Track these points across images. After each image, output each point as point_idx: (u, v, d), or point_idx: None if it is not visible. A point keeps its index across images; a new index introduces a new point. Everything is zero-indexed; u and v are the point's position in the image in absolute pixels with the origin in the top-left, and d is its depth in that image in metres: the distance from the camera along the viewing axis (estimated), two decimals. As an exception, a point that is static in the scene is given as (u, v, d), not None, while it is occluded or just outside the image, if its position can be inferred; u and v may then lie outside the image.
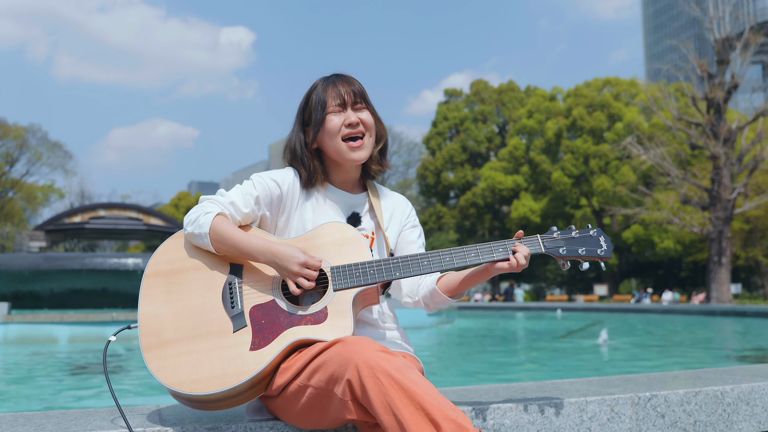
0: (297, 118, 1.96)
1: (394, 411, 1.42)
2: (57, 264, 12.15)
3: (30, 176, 52.56)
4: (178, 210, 64.37)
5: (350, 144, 1.87)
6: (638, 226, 41.64)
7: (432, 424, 1.41)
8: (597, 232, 1.83)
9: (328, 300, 1.70)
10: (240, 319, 1.67)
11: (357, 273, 1.73)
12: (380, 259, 1.76)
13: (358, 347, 1.52)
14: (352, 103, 1.89)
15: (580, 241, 1.81)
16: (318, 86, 1.92)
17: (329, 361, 1.54)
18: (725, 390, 2.25)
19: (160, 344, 1.66)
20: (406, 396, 1.43)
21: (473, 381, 5.46)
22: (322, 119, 1.87)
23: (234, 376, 1.59)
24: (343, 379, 1.50)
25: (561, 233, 1.83)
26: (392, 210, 2.02)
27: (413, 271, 1.75)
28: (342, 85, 1.89)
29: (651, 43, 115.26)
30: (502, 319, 19.48)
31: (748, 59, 28.75)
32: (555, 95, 50.16)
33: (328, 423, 1.62)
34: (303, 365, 1.60)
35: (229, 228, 1.74)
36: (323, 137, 1.89)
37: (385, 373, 1.46)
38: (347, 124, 1.87)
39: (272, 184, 1.86)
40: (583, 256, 1.80)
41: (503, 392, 2.15)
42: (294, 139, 1.93)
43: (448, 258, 1.77)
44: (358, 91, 1.90)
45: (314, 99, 1.90)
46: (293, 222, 1.89)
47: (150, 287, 1.74)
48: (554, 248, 1.80)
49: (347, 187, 1.98)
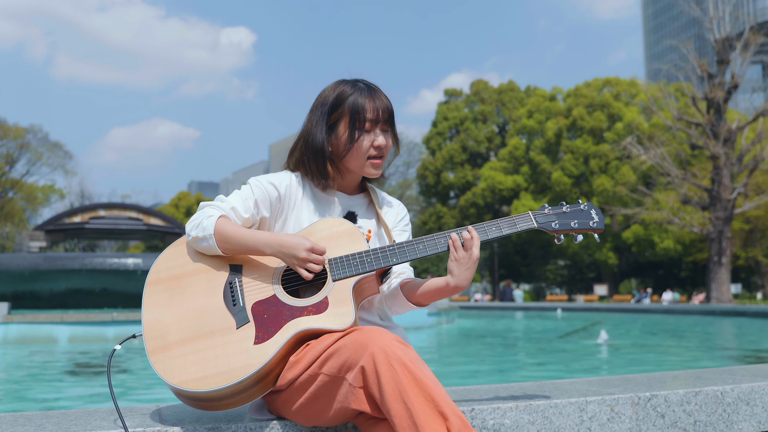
0: (322, 116, 1.89)
1: (405, 400, 1.44)
2: (57, 264, 12.15)
3: (30, 176, 52.63)
4: (178, 210, 64.37)
5: (373, 162, 1.89)
6: (638, 226, 41.65)
7: (441, 416, 1.43)
8: (588, 206, 1.85)
9: (328, 290, 1.72)
10: (242, 315, 1.69)
11: (355, 262, 1.75)
12: (377, 248, 1.78)
13: (375, 335, 1.54)
14: (383, 122, 1.88)
15: (571, 215, 1.83)
16: (354, 93, 1.87)
17: (344, 348, 1.56)
18: (725, 390, 2.25)
19: (165, 347, 1.67)
20: (418, 386, 1.46)
21: (473, 381, 5.46)
22: (358, 137, 1.86)
23: (240, 370, 1.60)
24: (357, 365, 1.51)
25: (552, 209, 1.84)
26: (387, 211, 2.05)
27: (410, 256, 1.77)
28: (379, 100, 1.87)
29: (651, 43, 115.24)
30: (502, 319, 19.48)
31: (748, 59, 28.75)
32: (555, 95, 50.16)
33: (330, 418, 1.62)
34: (316, 355, 1.61)
35: (233, 227, 1.77)
36: (352, 154, 1.88)
37: (400, 362, 1.48)
38: (375, 146, 1.87)
39: (270, 187, 1.88)
40: (576, 229, 1.81)
41: (503, 392, 2.15)
42: (323, 140, 1.89)
43: (442, 241, 1.78)
44: (391, 111, 1.90)
45: (352, 107, 1.85)
46: (290, 223, 1.91)
47: (152, 294, 1.76)
48: (546, 223, 1.81)
49: (348, 191, 2.00)
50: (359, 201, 2.00)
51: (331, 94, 1.90)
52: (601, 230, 1.83)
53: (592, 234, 1.84)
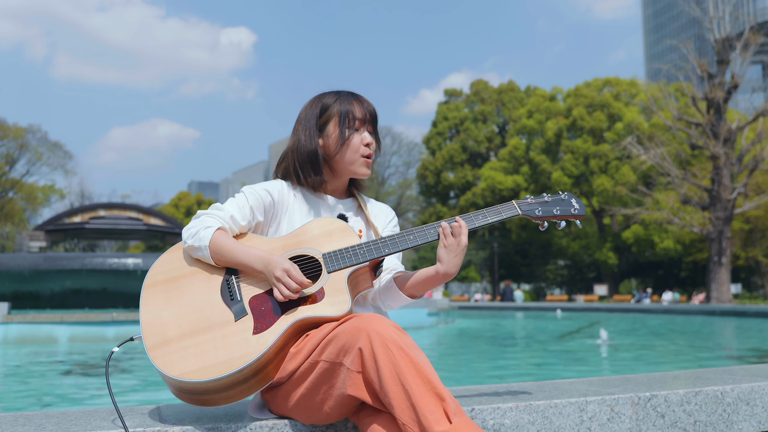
0: (310, 123, 1.98)
1: (403, 381, 1.47)
2: (57, 264, 12.15)
3: (30, 176, 52.61)
4: (178, 210, 64.37)
5: (366, 161, 1.99)
6: (638, 226, 41.64)
7: (438, 397, 1.47)
8: (568, 195, 1.96)
9: (324, 281, 1.77)
10: (240, 309, 1.72)
11: (348, 255, 1.81)
12: (369, 240, 1.86)
13: (373, 319, 1.58)
14: (369, 123, 2.00)
15: (553, 204, 1.94)
16: (340, 98, 1.98)
17: (342, 333, 1.59)
18: (725, 390, 2.25)
19: (164, 342, 1.69)
20: (415, 369, 1.49)
21: (473, 381, 5.47)
22: (351, 134, 1.95)
23: (240, 359, 1.62)
24: (354, 348, 1.54)
25: (534, 198, 1.94)
26: (376, 215, 2.12)
27: (401, 246, 1.83)
28: (365, 103, 1.99)
29: (651, 43, 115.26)
30: (502, 319, 19.48)
31: (748, 59, 28.75)
32: (555, 95, 50.17)
33: (328, 411, 1.63)
34: (315, 344, 1.64)
35: (228, 242, 1.81)
36: (344, 150, 1.96)
37: (397, 345, 1.51)
38: (366, 144, 1.98)
39: (264, 193, 1.95)
40: (558, 216, 1.92)
41: (503, 392, 2.15)
42: (315, 145, 1.97)
43: (432, 231, 1.86)
44: (375, 114, 2.02)
45: (339, 110, 1.96)
46: (283, 226, 1.96)
47: (150, 296, 1.78)
48: (530, 210, 1.91)
49: (337, 194, 2.07)
50: (349, 204, 2.08)
51: (316, 103, 2.01)
52: (582, 216, 1.95)
53: (574, 221, 1.96)
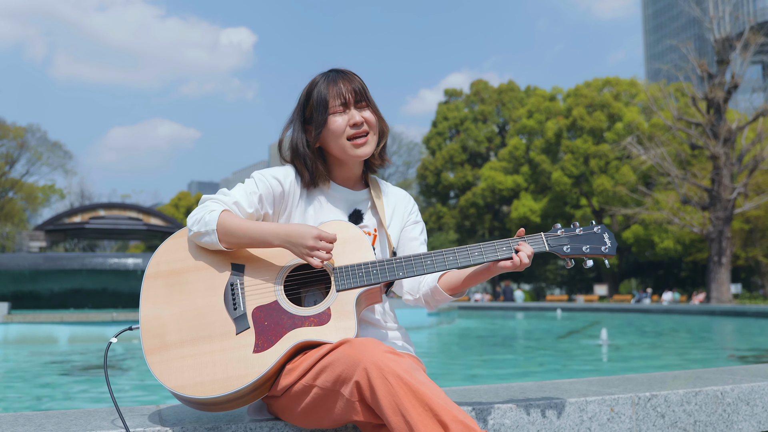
0: (296, 115, 1.91)
1: (403, 412, 1.42)
2: (57, 264, 12.14)
3: (30, 176, 52.58)
4: (178, 210, 64.32)
5: (355, 142, 1.85)
6: (638, 226, 41.62)
7: (440, 425, 1.41)
8: (601, 229, 1.81)
9: (332, 300, 1.69)
10: (242, 321, 1.66)
11: (360, 273, 1.72)
12: (383, 260, 1.75)
13: (366, 348, 1.52)
14: (355, 102, 1.86)
15: (584, 239, 1.79)
16: (318, 84, 1.86)
17: (336, 362, 1.54)
18: (725, 390, 2.25)
19: (163, 347, 1.65)
20: (415, 397, 1.44)
21: (473, 381, 5.47)
22: (324, 120, 1.83)
23: (238, 379, 1.59)
24: (351, 380, 1.49)
25: (565, 231, 1.81)
26: (394, 206, 2.00)
27: (416, 271, 1.74)
28: (343, 83, 1.84)
29: (651, 43, 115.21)
30: (502, 319, 19.47)
31: (748, 59, 28.74)
32: (555, 95, 50.13)
33: (331, 423, 1.62)
34: (309, 366, 1.59)
35: (237, 220, 1.73)
36: (327, 137, 1.86)
37: (394, 374, 1.46)
38: (352, 125, 1.84)
39: (274, 182, 1.85)
40: (588, 254, 1.77)
41: (503, 392, 2.15)
42: (296, 138, 1.89)
43: (451, 257, 1.75)
44: (359, 89, 1.86)
45: (315, 98, 1.85)
46: (294, 220, 1.87)
47: (151, 288, 1.72)
48: (558, 246, 1.78)
49: (349, 184, 1.95)
50: (364, 197, 1.96)
51: (303, 93, 1.92)
52: (612, 256, 1.79)
53: (603, 259, 1.80)
